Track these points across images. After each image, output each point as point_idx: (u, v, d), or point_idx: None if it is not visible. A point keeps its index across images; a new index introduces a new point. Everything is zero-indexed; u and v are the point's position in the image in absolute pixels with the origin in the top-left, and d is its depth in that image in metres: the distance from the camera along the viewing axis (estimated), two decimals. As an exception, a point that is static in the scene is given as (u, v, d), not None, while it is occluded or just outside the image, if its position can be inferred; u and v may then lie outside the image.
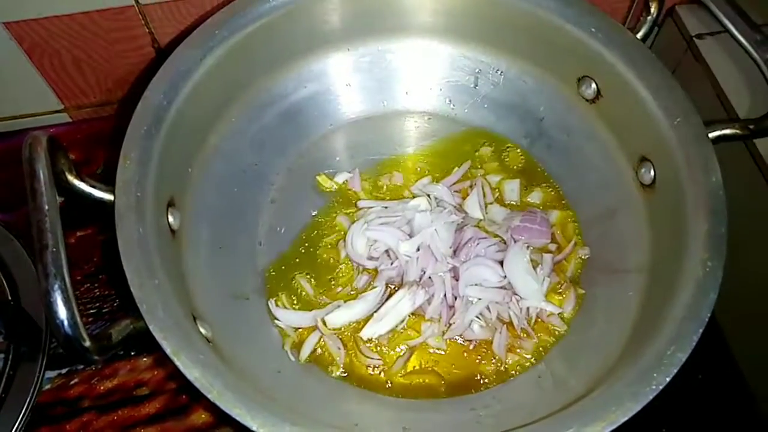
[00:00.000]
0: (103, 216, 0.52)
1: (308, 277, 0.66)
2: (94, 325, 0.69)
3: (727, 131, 0.58)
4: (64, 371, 0.66)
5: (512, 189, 0.71)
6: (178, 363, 0.45)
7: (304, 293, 0.65)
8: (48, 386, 0.65)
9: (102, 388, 0.65)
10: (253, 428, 0.43)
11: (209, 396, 0.44)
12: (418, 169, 0.73)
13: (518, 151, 0.74)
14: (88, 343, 0.42)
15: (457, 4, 0.69)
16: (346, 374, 0.61)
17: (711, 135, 0.57)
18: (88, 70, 0.77)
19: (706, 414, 0.65)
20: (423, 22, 0.72)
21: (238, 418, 0.44)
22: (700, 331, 0.48)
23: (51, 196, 0.45)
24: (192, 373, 0.45)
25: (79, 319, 0.42)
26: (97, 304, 0.70)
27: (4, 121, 0.81)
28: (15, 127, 0.82)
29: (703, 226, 0.53)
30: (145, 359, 0.66)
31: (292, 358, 0.61)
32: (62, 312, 0.41)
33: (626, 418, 0.45)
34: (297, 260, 0.67)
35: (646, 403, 0.45)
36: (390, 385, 0.60)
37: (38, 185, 0.45)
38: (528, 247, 0.64)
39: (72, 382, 0.65)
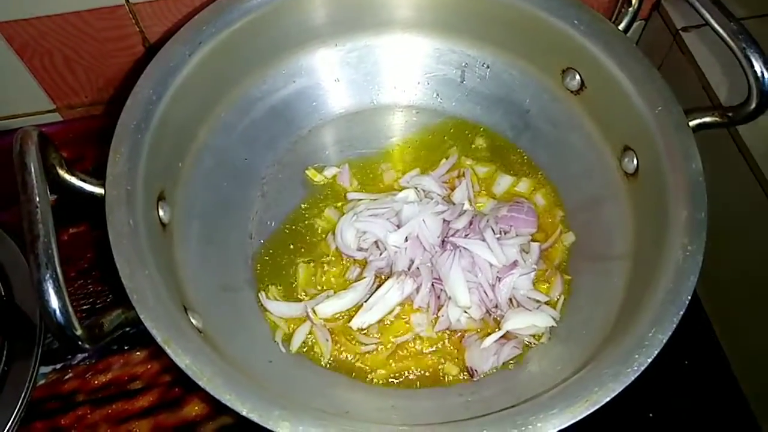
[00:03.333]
0: (96, 212, 0.53)
1: (299, 268, 0.67)
2: (87, 320, 0.69)
3: (707, 119, 0.59)
4: (58, 366, 0.66)
5: (500, 183, 0.72)
6: (168, 351, 0.46)
7: (294, 284, 0.66)
8: (42, 381, 0.65)
9: (96, 382, 0.66)
10: (243, 413, 0.44)
11: (200, 383, 0.45)
12: (407, 162, 0.74)
13: (505, 142, 0.75)
14: (79, 332, 0.43)
15: (443, -1, 0.70)
16: (333, 363, 0.61)
17: (691, 123, 0.58)
18: (80, 69, 0.78)
19: (691, 399, 0.66)
20: (410, 17, 0.73)
21: (228, 404, 0.45)
22: (681, 313, 0.49)
23: (42, 188, 0.46)
24: (183, 360, 0.46)
25: (70, 308, 0.43)
26: (91, 300, 0.70)
27: (-4, 122, 0.82)
28: (6, 127, 0.82)
29: (683, 213, 0.54)
30: (138, 353, 0.67)
31: (283, 350, 0.62)
32: (54, 301, 0.42)
33: (608, 399, 0.46)
34: (287, 253, 0.68)
35: (627, 384, 0.46)
36: (379, 374, 0.61)
37: (29, 178, 0.46)
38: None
39: (66, 377, 0.66)
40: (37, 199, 0.44)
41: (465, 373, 0.61)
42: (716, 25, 0.57)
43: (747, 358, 0.68)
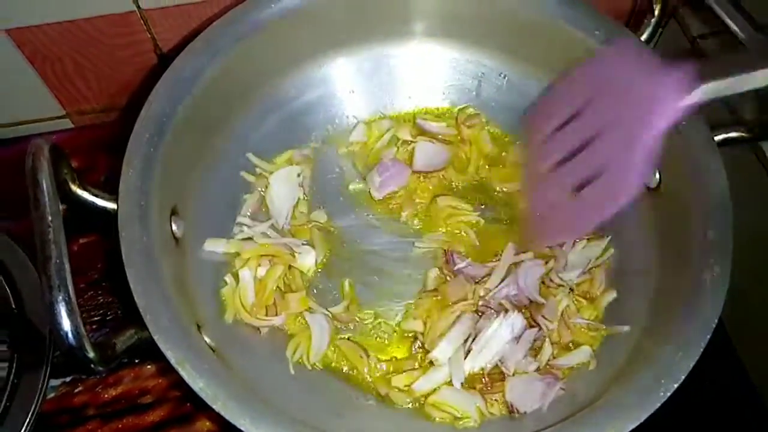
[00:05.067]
0: (107, 223, 0.52)
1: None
2: (98, 332, 0.68)
3: (733, 134, 0.58)
4: (68, 380, 0.66)
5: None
6: (182, 373, 0.45)
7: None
8: (52, 395, 0.65)
9: (106, 396, 0.65)
10: (259, 438, 0.43)
11: (214, 406, 0.44)
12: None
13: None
14: (92, 354, 0.42)
15: (460, 8, 0.69)
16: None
17: (716, 138, 0.57)
18: (91, 76, 0.77)
19: (713, 418, 0.64)
20: (425, 26, 0.72)
21: (243, 428, 0.44)
22: (708, 336, 0.48)
23: (54, 206, 0.45)
24: (197, 383, 0.45)
25: (83, 330, 0.42)
26: (101, 311, 0.70)
27: (6, 128, 0.81)
28: (17, 134, 0.81)
29: (709, 231, 0.53)
30: (149, 367, 0.66)
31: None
32: (66, 324, 0.41)
33: (634, 425, 0.45)
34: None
35: (654, 411, 0.45)
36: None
37: (41, 195, 0.45)
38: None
39: (76, 391, 0.65)
40: (50, 218, 0.44)
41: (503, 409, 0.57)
42: (741, 34, 0.56)
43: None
